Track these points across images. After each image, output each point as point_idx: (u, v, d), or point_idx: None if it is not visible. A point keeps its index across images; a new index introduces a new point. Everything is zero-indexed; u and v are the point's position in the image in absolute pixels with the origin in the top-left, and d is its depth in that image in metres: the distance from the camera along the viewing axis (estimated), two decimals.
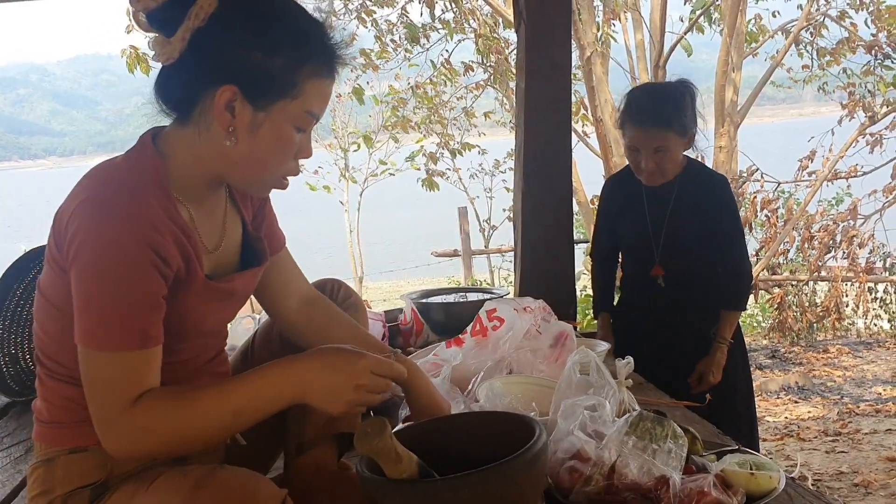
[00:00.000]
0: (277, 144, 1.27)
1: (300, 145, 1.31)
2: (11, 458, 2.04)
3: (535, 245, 3.23)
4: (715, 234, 2.58)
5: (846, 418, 4.98)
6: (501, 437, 1.29)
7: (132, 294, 1.18)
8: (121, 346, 1.18)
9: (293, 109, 1.26)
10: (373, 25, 7.68)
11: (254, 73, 1.22)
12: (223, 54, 1.22)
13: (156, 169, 1.26)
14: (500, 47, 7.58)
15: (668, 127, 2.47)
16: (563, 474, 1.49)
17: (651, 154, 2.50)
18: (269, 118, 1.25)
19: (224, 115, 1.23)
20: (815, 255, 7.09)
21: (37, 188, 56.18)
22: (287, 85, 1.24)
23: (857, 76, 7.22)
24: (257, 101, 1.24)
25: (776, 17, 7.52)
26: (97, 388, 1.19)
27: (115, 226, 1.16)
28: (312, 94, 1.27)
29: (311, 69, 1.25)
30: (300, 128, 1.28)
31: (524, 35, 3.10)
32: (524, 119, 3.16)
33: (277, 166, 1.30)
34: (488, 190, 9.61)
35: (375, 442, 1.15)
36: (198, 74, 1.23)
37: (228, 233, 1.41)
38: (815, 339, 7.30)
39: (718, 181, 2.65)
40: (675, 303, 2.63)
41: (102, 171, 1.26)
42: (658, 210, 2.61)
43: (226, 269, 1.40)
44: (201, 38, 1.21)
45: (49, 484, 1.29)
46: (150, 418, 1.19)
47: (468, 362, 2.03)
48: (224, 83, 1.21)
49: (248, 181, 1.33)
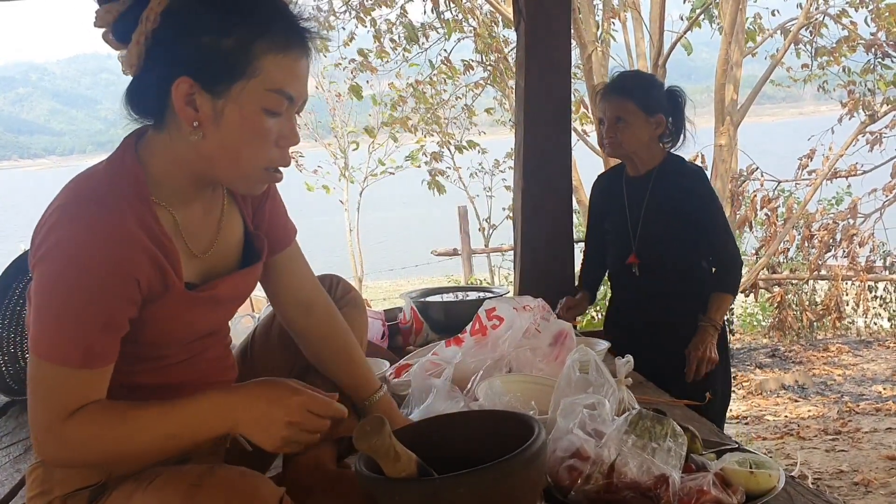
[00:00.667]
0: (245, 131, 1.20)
1: (279, 131, 1.23)
2: (11, 458, 2.04)
3: (534, 244, 3.23)
4: (692, 225, 2.62)
5: (846, 417, 4.98)
6: (501, 436, 1.28)
7: (85, 311, 1.15)
8: (63, 361, 1.16)
9: (253, 90, 1.19)
10: (371, 25, 7.67)
11: (205, 59, 1.17)
12: (175, 47, 1.19)
13: (134, 176, 1.23)
14: (499, 46, 7.58)
15: (627, 97, 2.59)
16: (562, 473, 1.49)
17: (612, 124, 2.62)
18: (229, 103, 1.19)
19: (186, 109, 1.19)
20: (815, 253, 7.08)
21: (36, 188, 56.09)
22: (241, 64, 1.18)
23: (857, 74, 7.21)
24: (214, 88, 1.18)
25: (775, 15, 7.52)
26: (36, 394, 1.18)
27: (81, 239, 1.14)
28: (273, 70, 1.19)
29: (265, 44, 1.19)
30: (270, 110, 1.21)
31: (524, 33, 3.10)
32: (524, 117, 3.15)
33: (254, 156, 1.23)
34: (488, 189, 9.61)
35: (374, 440, 1.14)
36: (158, 75, 1.20)
37: (225, 233, 1.38)
38: (815, 338, 7.30)
39: (692, 173, 2.70)
40: (650, 291, 2.68)
41: (81, 178, 1.23)
42: (635, 201, 2.70)
43: (221, 271, 1.37)
44: (156, 39, 1.19)
45: (48, 485, 1.29)
46: (82, 434, 1.18)
47: (468, 361, 2.02)
48: (178, 76, 1.17)
49: (229, 176, 1.26)
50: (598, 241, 2.90)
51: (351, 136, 10.05)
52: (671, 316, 2.66)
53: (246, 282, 1.42)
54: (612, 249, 2.82)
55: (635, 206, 2.69)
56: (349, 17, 7.63)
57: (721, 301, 2.65)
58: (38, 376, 1.18)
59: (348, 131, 10.13)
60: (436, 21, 7.64)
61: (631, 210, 2.70)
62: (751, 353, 6.90)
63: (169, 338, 1.30)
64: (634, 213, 2.69)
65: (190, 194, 1.30)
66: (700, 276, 2.69)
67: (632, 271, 2.70)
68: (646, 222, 2.67)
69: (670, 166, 2.67)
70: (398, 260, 12.47)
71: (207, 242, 1.35)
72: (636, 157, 2.67)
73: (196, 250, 1.32)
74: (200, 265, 1.33)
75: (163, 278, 1.23)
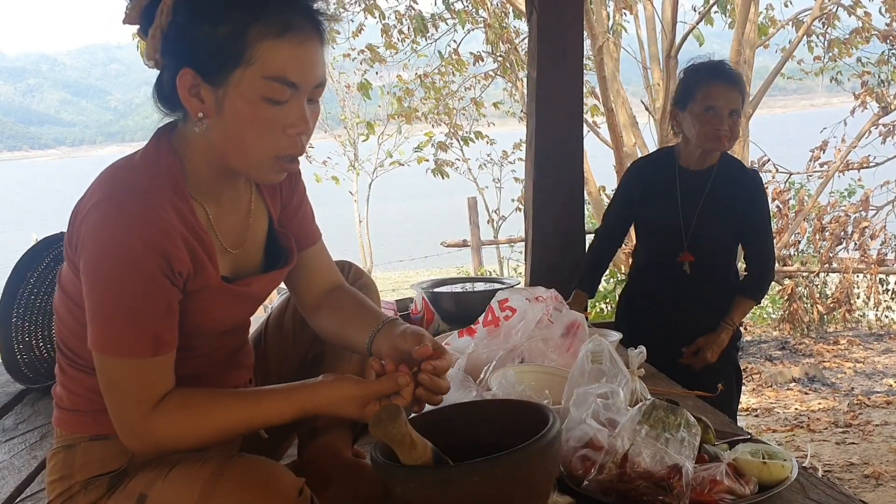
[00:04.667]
0: (246, 120, 1.18)
1: (286, 118, 1.20)
2: (27, 444, 2.06)
3: (545, 235, 3.23)
4: (743, 227, 2.61)
5: (856, 410, 4.96)
6: (515, 425, 1.29)
7: (143, 301, 1.17)
8: (134, 353, 1.17)
9: (251, 78, 1.16)
10: (380, 17, 7.66)
11: (203, 49, 1.16)
12: (179, 38, 1.18)
13: (170, 169, 1.23)
14: (509, 37, 7.56)
15: (740, 89, 2.52)
16: (575, 462, 1.49)
17: (728, 116, 2.49)
18: (228, 93, 1.17)
19: (191, 101, 1.19)
20: (826, 246, 7.05)
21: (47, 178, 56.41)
22: (236, 52, 1.16)
23: (871, 65, 7.16)
24: (213, 78, 1.17)
25: (788, 7, 7.46)
26: (114, 392, 1.20)
27: (125, 232, 1.15)
28: (271, 57, 1.16)
29: (260, 30, 1.16)
30: (271, 98, 1.18)
31: (536, 24, 3.10)
32: (535, 109, 3.15)
33: (259, 145, 1.20)
34: (497, 180, 9.60)
35: (390, 428, 1.15)
36: (172, 68, 1.20)
37: (253, 229, 1.37)
38: (825, 331, 7.27)
39: (754, 176, 2.68)
40: (697, 291, 2.64)
41: (117, 170, 1.24)
42: (691, 197, 2.62)
43: (247, 268, 1.37)
44: (169, 32, 1.19)
45: (68, 469, 1.30)
46: (168, 426, 1.20)
47: (480, 352, 2.03)
48: (182, 68, 1.17)
49: (241, 166, 1.25)
50: (619, 230, 2.87)
51: (360, 128, 10.05)
52: (706, 316, 2.64)
53: (276, 281, 1.44)
54: (652, 241, 2.76)
55: (691, 200, 2.61)
56: (358, 7, 7.62)
57: (746, 306, 2.66)
58: (111, 374, 1.19)
59: (357, 122, 10.13)
60: (445, 12, 7.62)
61: (685, 203, 2.62)
62: (761, 345, 6.88)
63: (200, 330, 1.31)
64: (689, 208, 2.61)
65: (218, 188, 1.30)
66: (734, 279, 2.70)
67: (682, 269, 2.63)
68: (702, 220, 2.60)
69: (730, 165, 2.63)
70: (407, 251, 12.47)
71: (237, 238, 1.35)
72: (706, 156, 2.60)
73: (227, 245, 1.32)
74: (232, 260, 1.34)
75: (201, 270, 1.24)
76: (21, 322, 2.51)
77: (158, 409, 1.19)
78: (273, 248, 1.43)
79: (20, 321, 2.51)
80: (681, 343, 2.63)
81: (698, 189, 2.61)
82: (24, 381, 2.49)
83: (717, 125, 2.50)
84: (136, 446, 1.23)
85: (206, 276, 1.25)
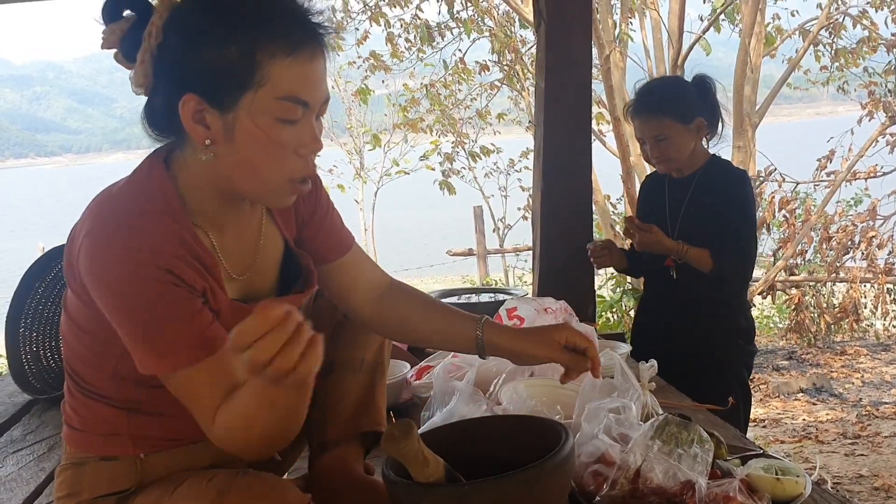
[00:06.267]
0: (260, 143, 1.14)
1: (298, 139, 1.16)
2: (35, 456, 2.06)
3: (553, 245, 3.22)
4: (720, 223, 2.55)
5: (865, 421, 4.93)
6: (528, 441, 1.28)
7: (171, 306, 1.13)
8: (192, 360, 1.14)
9: (263, 100, 1.12)
10: (386, 25, 7.67)
11: (208, 73, 1.11)
12: (178, 63, 1.13)
13: (164, 194, 1.18)
14: (515, 46, 7.56)
15: (661, 114, 2.54)
16: (587, 478, 1.48)
17: (654, 143, 2.57)
18: (239, 117, 1.13)
19: (196, 128, 1.13)
20: (833, 255, 7.02)
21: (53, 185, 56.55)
22: (245, 74, 1.11)
23: (878, 75, 7.15)
24: (221, 103, 1.12)
25: (795, 16, 7.46)
26: (190, 406, 1.17)
27: (123, 263, 1.11)
28: (281, 77, 1.12)
29: (268, 51, 1.11)
30: (285, 119, 1.14)
31: (544, 34, 3.09)
32: (543, 118, 3.15)
33: (273, 169, 1.17)
34: (503, 189, 9.59)
35: (403, 445, 1.14)
36: (165, 93, 1.15)
37: (264, 253, 1.33)
38: (832, 341, 7.24)
39: (734, 176, 2.62)
40: (685, 296, 2.64)
41: (106, 199, 1.19)
42: (676, 203, 2.65)
43: (259, 293, 1.33)
44: (160, 56, 1.14)
45: (77, 487, 1.29)
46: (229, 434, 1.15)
47: (489, 363, 2.01)
48: (184, 94, 1.12)
49: (252, 192, 1.21)
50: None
51: (366, 137, 10.06)
52: (703, 322, 2.62)
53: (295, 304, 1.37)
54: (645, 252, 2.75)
55: (676, 208, 2.65)
56: (364, 16, 7.63)
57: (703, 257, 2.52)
58: (181, 388, 1.16)
59: (363, 131, 10.14)
60: (450, 21, 7.63)
61: (671, 212, 2.66)
62: (768, 355, 6.85)
63: None
64: (674, 214, 2.65)
65: (222, 214, 1.25)
66: (734, 284, 2.66)
67: (669, 274, 2.65)
68: (684, 225, 2.61)
69: (714, 168, 2.62)
70: (413, 260, 12.48)
71: (243, 264, 1.30)
72: (683, 165, 2.62)
73: (233, 271, 1.28)
74: (240, 287, 1.29)
75: (212, 292, 1.21)
76: (29, 332, 2.51)
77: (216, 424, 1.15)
78: (290, 271, 1.38)
79: (28, 331, 2.51)
80: (678, 352, 2.59)
81: (682, 195, 2.64)
82: (32, 391, 2.49)
83: (648, 153, 2.63)
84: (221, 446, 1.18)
85: (218, 299, 1.22)
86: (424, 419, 1.78)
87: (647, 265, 2.80)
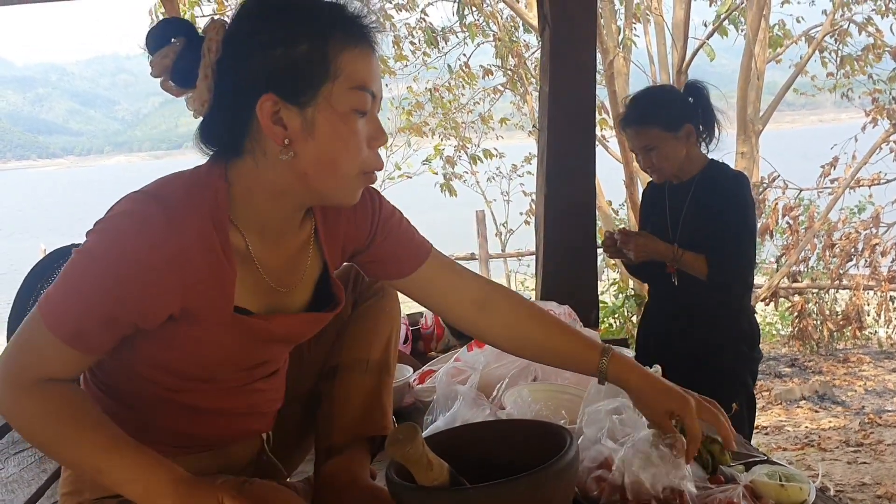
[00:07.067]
0: (341, 135, 1.16)
1: (368, 131, 1.19)
2: (37, 457, 2.05)
3: (556, 250, 3.21)
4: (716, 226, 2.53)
5: (868, 429, 4.92)
6: (532, 446, 1.27)
7: (96, 297, 1.11)
8: (53, 329, 1.11)
9: (340, 91, 1.15)
10: (391, 28, 7.69)
11: (284, 72, 1.13)
12: (247, 68, 1.14)
13: (215, 190, 1.18)
14: (519, 50, 7.57)
15: (648, 124, 2.56)
16: (590, 483, 1.47)
17: (644, 153, 2.60)
18: (319, 110, 1.14)
19: (274, 129, 1.14)
20: (836, 263, 7.01)
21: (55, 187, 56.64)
22: (321, 67, 1.14)
23: (883, 82, 7.14)
24: (300, 99, 1.14)
25: (800, 22, 7.46)
26: (16, 343, 1.14)
27: (130, 235, 1.10)
28: (351, 67, 1.15)
29: (338, 42, 1.14)
30: (359, 109, 1.16)
31: (548, 39, 3.09)
32: (547, 123, 3.14)
33: (350, 161, 1.18)
34: (505, 193, 9.58)
35: (408, 448, 1.13)
36: (234, 103, 1.15)
37: (301, 274, 1.32)
38: (835, 348, 7.23)
39: (731, 179, 2.60)
40: (686, 302, 2.64)
41: (167, 179, 1.19)
42: (676, 209, 2.66)
43: (287, 307, 1.31)
44: (223, 69, 1.15)
45: (79, 485, 1.29)
46: (34, 408, 1.13)
47: (492, 367, 2.01)
48: (259, 96, 1.13)
49: (329, 190, 1.20)
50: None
51: None
52: (704, 328, 2.62)
53: (306, 325, 1.36)
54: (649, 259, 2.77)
55: (676, 214, 2.66)
56: None
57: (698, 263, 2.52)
58: (27, 328, 1.14)
59: None
60: (456, 25, 7.64)
61: (672, 217, 2.67)
62: (770, 362, 6.84)
63: (215, 360, 1.26)
64: (675, 220, 2.66)
65: (269, 221, 1.24)
66: (737, 289, 2.64)
67: (670, 280, 2.64)
68: (684, 230, 2.62)
69: (711, 172, 2.62)
70: None
71: (281, 276, 1.29)
72: (679, 171, 2.63)
73: (271, 280, 1.27)
74: (268, 297, 1.28)
75: (208, 300, 1.18)
76: None
77: (37, 387, 1.13)
78: (323, 294, 1.37)
79: None
80: (681, 357, 2.58)
81: (682, 201, 2.64)
82: None
83: (641, 163, 2.67)
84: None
85: (215, 304, 1.19)
86: (427, 423, 1.78)
87: (649, 270, 2.79)
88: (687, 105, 2.59)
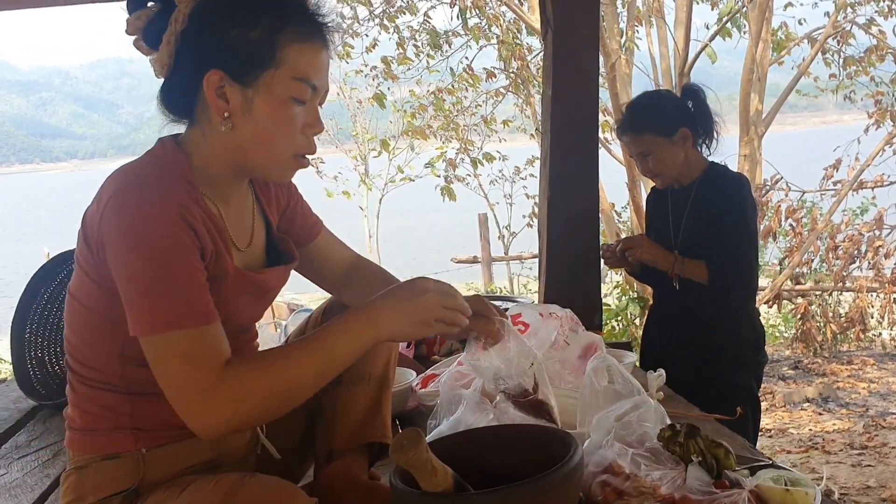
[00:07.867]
0: (276, 118, 1.27)
1: (305, 119, 1.30)
2: (40, 462, 2.05)
3: (559, 253, 3.20)
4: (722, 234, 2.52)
5: (872, 431, 4.91)
6: (537, 451, 1.27)
7: (187, 272, 1.18)
8: (192, 322, 1.17)
9: (281, 78, 1.25)
10: (395, 31, 7.69)
11: (234, 51, 1.24)
12: (204, 42, 1.25)
13: (179, 164, 1.28)
14: (521, 53, 7.56)
15: (642, 130, 2.58)
16: (595, 488, 1.47)
17: (641, 159, 2.62)
18: (259, 92, 1.25)
19: (218, 102, 1.25)
20: (839, 265, 6.99)
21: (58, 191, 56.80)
22: (268, 54, 1.25)
23: (885, 84, 7.13)
24: (243, 78, 1.25)
25: (802, 24, 7.45)
26: (177, 368, 1.17)
27: (149, 210, 1.17)
28: (297, 59, 1.26)
29: (289, 35, 1.26)
30: (297, 98, 1.28)
31: (551, 42, 3.08)
32: (550, 126, 3.14)
33: (284, 143, 1.29)
34: (508, 196, 9.58)
35: (412, 454, 1.13)
36: (188, 72, 1.26)
37: (255, 234, 1.43)
38: (838, 350, 7.21)
39: (731, 181, 2.60)
40: (688, 306, 2.63)
41: (125, 169, 1.27)
42: (678, 213, 2.66)
43: (255, 265, 1.42)
44: (185, 38, 1.25)
45: (81, 491, 1.30)
46: (245, 383, 1.18)
47: None
48: (208, 69, 1.24)
49: (263, 165, 1.32)
50: None
51: (371, 144, 10.07)
52: (707, 332, 2.61)
53: (284, 277, 1.48)
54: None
55: (677, 218, 2.66)
56: (373, 24, 7.65)
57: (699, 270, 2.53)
58: (170, 350, 1.17)
59: (369, 138, 10.15)
60: (459, 27, 7.64)
61: (674, 222, 2.67)
62: (774, 364, 6.82)
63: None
64: (677, 225, 2.66)
65: (227, 190, 1.35)
66: (738, 293, 2.64)
67: (672, 285, 2.63)
68: (686, 235, 2.62)
69: (712, 175, 2.61)
70: (417, 267, 12.47)
71: (245, 237, 1.40)
72: (680, 176, 2.63)
73: (238, 243, 1.37)
74: (241, 258, 1.37)
75: (219, 256, 1.27)
76: (34, 338, 2.51)
77: (229, 372, 1.18)
78: (273, 252, 1.48)
79: (33, 337, 2.51)
80: (685, 362, 2.58)
81: (683, 205, 2.64)
82: (37, 397, 2.48)
83: (640, 169, 2.70)
84: (211, 420, 1.18)
85: (224, 262, 1.28)
86: (431, 427, 1.77)
87: (653, 274, 2.79)
88: (681, 108, 2.59)
